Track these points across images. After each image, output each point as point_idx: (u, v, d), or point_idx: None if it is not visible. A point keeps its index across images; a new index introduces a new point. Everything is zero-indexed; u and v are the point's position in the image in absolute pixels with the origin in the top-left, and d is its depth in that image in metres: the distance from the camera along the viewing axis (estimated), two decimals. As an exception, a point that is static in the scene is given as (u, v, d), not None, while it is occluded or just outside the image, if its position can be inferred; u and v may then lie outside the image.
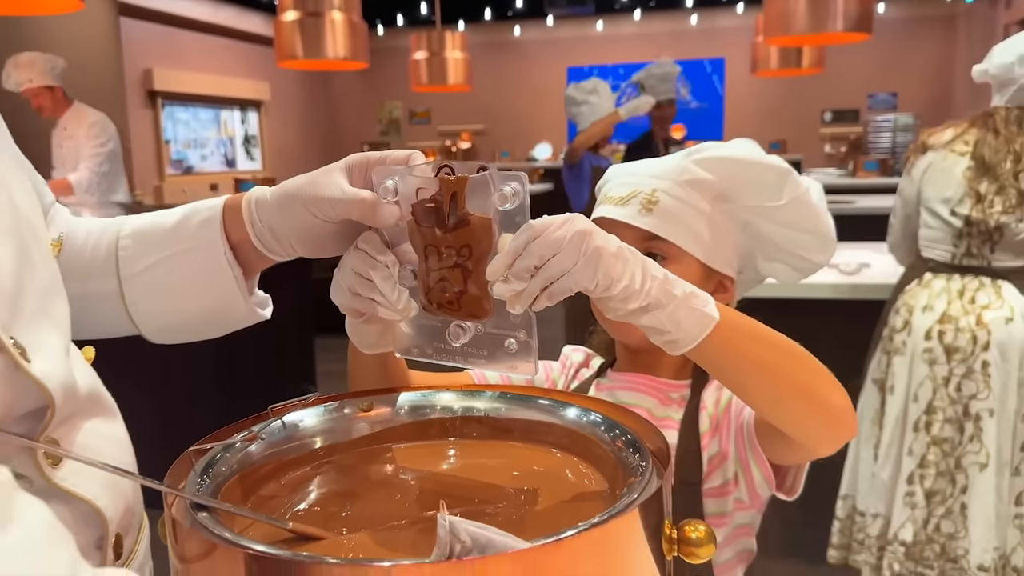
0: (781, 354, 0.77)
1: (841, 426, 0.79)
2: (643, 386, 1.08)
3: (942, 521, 2.16)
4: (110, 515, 0.63)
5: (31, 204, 0.69)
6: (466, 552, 0.48)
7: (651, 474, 0.60)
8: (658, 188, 1.02)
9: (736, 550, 1.03)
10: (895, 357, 2.23)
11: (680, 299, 0.70)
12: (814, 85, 10.21)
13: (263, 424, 0.70)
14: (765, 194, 1.03)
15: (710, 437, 1.01)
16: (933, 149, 2.20)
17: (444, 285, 0.68)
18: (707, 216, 1.03)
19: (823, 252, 1.08)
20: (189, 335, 0.84)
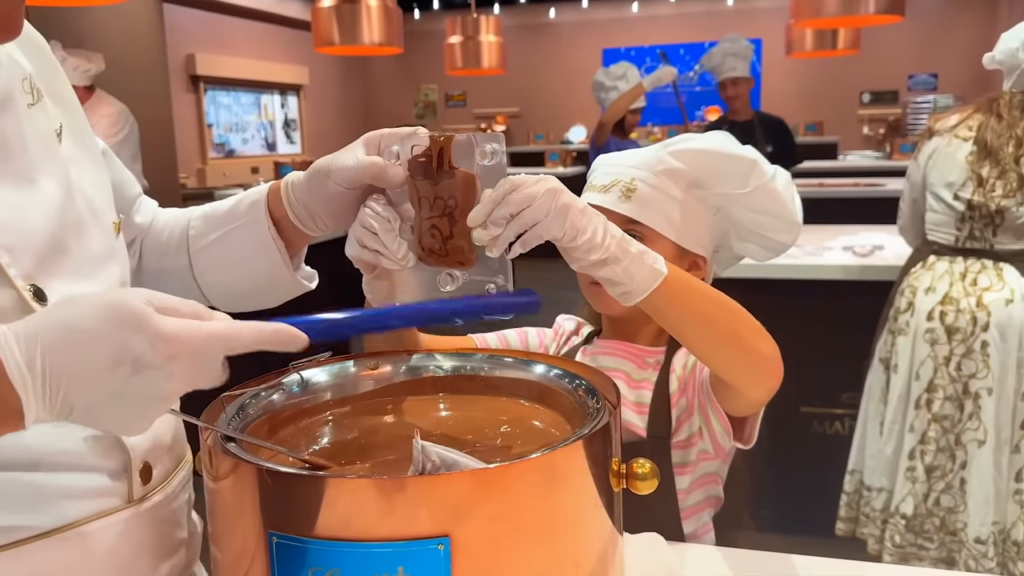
0: (718, 307, 0.90)
1: (767, 371, 0.92)
2: (622, 352, 1.21)
3: (942, 496, 2.25)
4: (133, 445, 0.76)
5: (97, 186, 0.84)
6: (435, 469, 0.61)
7: (600, 415, 0.71)
8: (636, 177, 1.15)
9: (704, 495, 1.16)
10: (899, 337, 2.31)
11: (634, 255, 0.83)
12: (852, 66, 10.11)
13: (285, 377, 0.83)
14: (733, 182, 1.14)
15: (679, 396, 1.13)
16: (938, 134, 2.27)
17: (433, 232, 0.82)
18: (679, 202, 1.15)
19: (788, 234, 1.18)
20: (250, 304, 0.99)
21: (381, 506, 0.59)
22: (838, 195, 5.31)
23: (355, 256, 0.87)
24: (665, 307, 0.87)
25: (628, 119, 4.51)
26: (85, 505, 0.72)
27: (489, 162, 0.80)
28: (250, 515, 0.63)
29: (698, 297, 0.89)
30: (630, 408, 1.16)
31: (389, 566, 0.59)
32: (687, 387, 1.14)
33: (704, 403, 1.10)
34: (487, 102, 12.11)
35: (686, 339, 0.92)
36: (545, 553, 0.64)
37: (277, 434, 0.79)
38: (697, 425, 1.12)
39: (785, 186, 1.15)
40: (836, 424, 2.95)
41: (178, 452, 0.85)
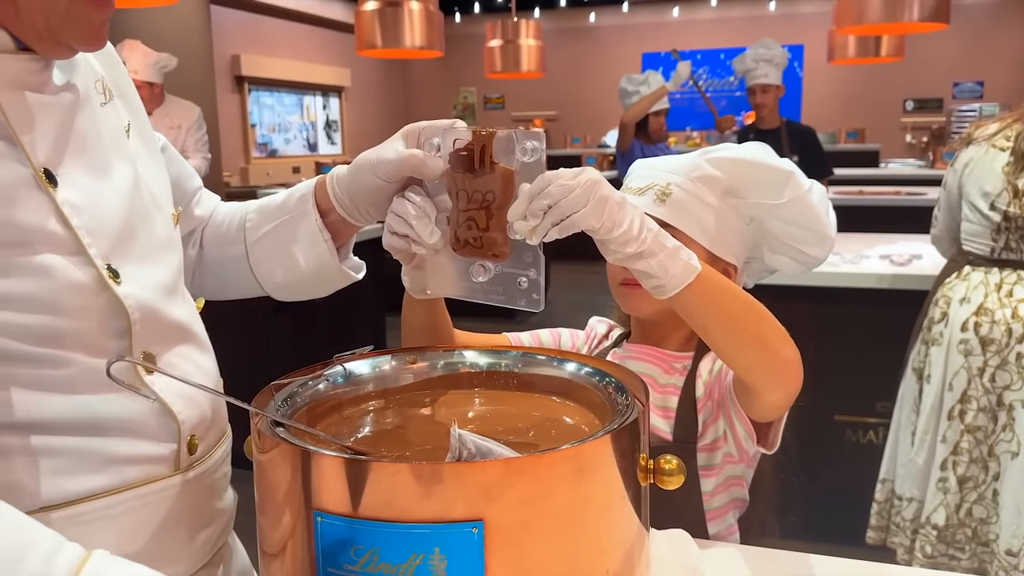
0: (746, 308, 0.92)
1: (787, 375, 0.95)
2: (650, 357, 1.25)
3: (974, 506, 2.24)
4: (183, 418, 0.82)
5: (157, 180, 0.91)
6: (471, 457, 0.64)
7: (629, 412, 0.75)
8: (672, 182, 1.18)
9: (728, 497, 1.18)
10: (932, 347, 2.30)
11: (670, 250, 0.86)
12: (895, 73, 9.98)
13: (329, 369, 0.88)
14: (768, 192, 1.16)
15: (704, 400, 1.16)
16: (976, 143, 2.25)
17: (470, 224, 0.85)
18: (714, 209, 1.17)
19: (820, 248, 1.20)
20: (301, 293, 1.06)
21: (419, 490, 0.63)
22: (878, 203, 5.27)
23: (388, 245, 0.91)
24: (695, 304, 0.90)
25: (652, 122, 4.50)
26: (140, 470, 0.79)
27: (529, 159, 0.83)
28: (296, 496, 0.68)
29: (728, 296, 0.92)
30: (656, 412, 1.19)
31: (426, 547, 0.63)
32: (712, 391, 1.16)
33: (728, 407, 1.12)
34: (525, 105, 12.16)
35: (711, 337, 0.95)
36: (573, 540, 0.68)
37: (321, 422, 0.84)
38: (722, 429, 1.15)
39: (820, 200, 1.17)
40: (870, 433, 2.94)
41: (220, 428, 0.91)
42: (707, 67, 11.58)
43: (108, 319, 0.77)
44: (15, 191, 0.71)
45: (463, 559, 0.63)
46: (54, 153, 0.75)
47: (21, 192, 0.71)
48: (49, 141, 0.75)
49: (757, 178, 1.16)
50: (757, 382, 0.98)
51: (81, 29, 0.75)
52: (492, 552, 0.63)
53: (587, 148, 10.92)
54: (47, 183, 0.73)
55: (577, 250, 7.85)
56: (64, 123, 0.77)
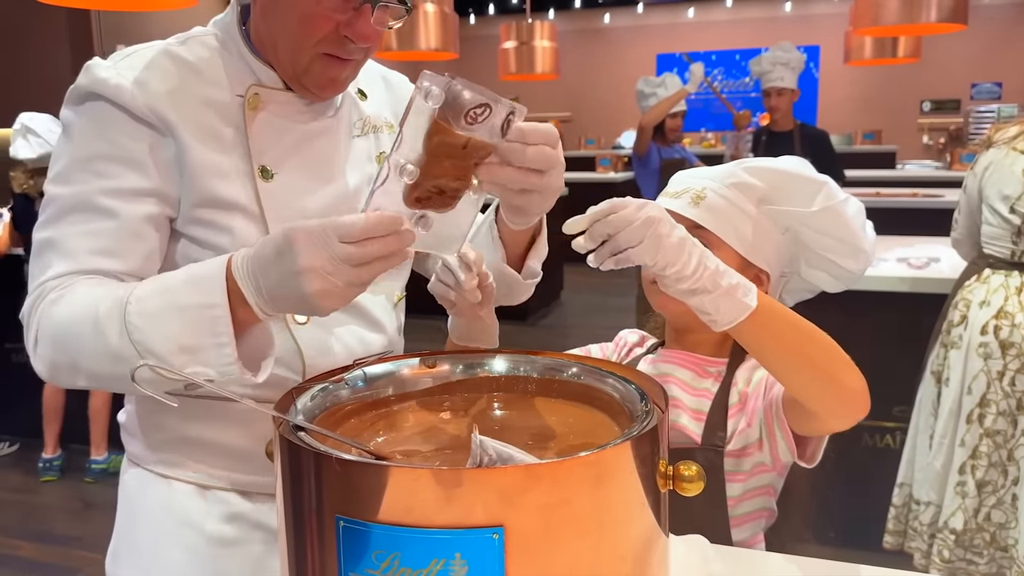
0: (808, 340, 0.94)
1: (855, 405, 0.96)
2: (683, 360, 1.26)
3: (993, 511, 2.22)
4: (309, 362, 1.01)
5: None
6: (491, 463, 0.65)
7: (649, 418, 0.75)
8: (707, 187, 1.20)
9: (755, 506, 1.19)
10: (951, 351, 2.29)
11: (724, 289, 0.88)
12: (912, 74, 9.93)
13: (349, 373, 0.88)
14: (801, 201, 1.17)
15: (737, 409, 1.16)
16: (996, 146, 2.24)
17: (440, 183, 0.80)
18: (752, 217, 1.19)
19: (855, 260, 1.21)
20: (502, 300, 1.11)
21: (441, 495, 0.63)
22: (895, 205, 5.23)
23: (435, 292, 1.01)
24: (753, 337, 0.92)
25: (668, 124, 4.48)
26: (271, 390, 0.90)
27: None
28: (318, 500, 0.68)
29: (788, 329, 0.93)
30: (687, 414, 1.20)
31: (447, 552, 0.63)
32: (746, 403, 1.17)
33: (771, 420, 1.12)
34: (539, 106, 12.16)
35: (772, 367, 0.96)
36: (593, 546, 0.68)
37: (341, 426, 0.84)
38: (755, 437, 1.15)
39: (855, 213, 1.18)
40: (887, 437, 2.92)
41: None
42: (722, 68, 11.55)
43: None
44: (232, 174, 0.97)
45: (484, 564, 0.63)
46: (278, 158, 1.00)
47: (237, 177, 0.97)
48: (278, 150, 1.00)
49: (791, 187, 1.18)
50: (821, 410, 0.98)
51: (318, 80, 0.98)
52: (512, 557, 0.63)
53: (601, 149, 10.90)
54: (261, 175, 0.98)
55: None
56: (300, 142, 1.02)
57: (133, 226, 0.94)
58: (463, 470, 0.65)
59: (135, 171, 0.94)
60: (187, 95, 0.96)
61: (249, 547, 1.05)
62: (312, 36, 0.94)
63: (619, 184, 8.64)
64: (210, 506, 1.04)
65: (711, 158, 5.67)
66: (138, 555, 1.08)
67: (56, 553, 3.09)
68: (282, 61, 0.98)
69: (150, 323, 0.83)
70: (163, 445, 1.06)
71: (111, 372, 0.86)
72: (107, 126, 0.94)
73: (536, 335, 6.07)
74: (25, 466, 3.87)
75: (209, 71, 0.99)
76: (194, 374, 0.80)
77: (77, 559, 3.02)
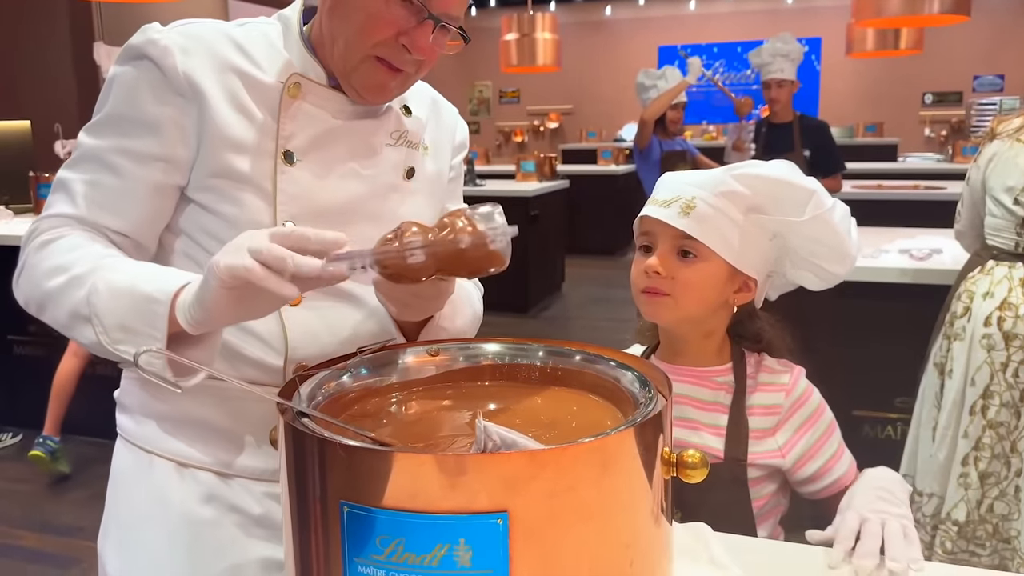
0: None
1: None
2: (690, 377, 1.26)
3: (996, 502, 2.22)
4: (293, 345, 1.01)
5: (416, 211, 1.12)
6: (496, 448, 0.65)
7: (652, 405, 0.75)
8: (697, 196, 1.19)
9: (774, 503, 1.24)
10: (955, 342, 2.28)
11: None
12: (914, 66, 9.90)
13: (353, 361, 0.88)
14: (791, 209, 1.17)
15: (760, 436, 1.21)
16: (999, 137, 2.23)
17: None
18: (739, 225, 1.19)
19: (841, 265, 1.22)
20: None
21: (445, 481, 0.63)
22: (897, 197, 5.23)
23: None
24: None
25: (669, 116, 4.47)
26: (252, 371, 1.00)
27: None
28: (323, 486, 0.68)
29: None
30: (706, 431, 1.21)
31: (451, 537, 0.63)
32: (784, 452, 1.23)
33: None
34: (541, 99, 12.14)
35: None
36: (597, 532, 0.68)
37: (345, 413, 0.84)
38: (778, 444, 1.20)
39: (841, 219, 1.18)
40: (888, 429, 2.92)
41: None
42: (724, 60, 11.52)
43: None
44: (255, 152, 0.99)
45: (488, 550, 0.63)
46: (303, 145, 1.02)
47: (259, 156, 1.00)
48: (305, 139, 1.02)
49: (781, 195, 1.18)
50: None
51: (366, 82, 1.00)
52: (517, 543, 0.63)
53: (603, 142, 10.89)
54: (283, 160, 1.00)
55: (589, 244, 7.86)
56: (330, 136, 1.04)
57: (136, 188, 0.99)
58: (467, 456, 0.65)
59: (152, 136, 0.98)
60: (228, 69, 1.00)
61: (224, 529, 1.05)
62: (371, 37, 0.97)
63: (620, 176, 8.63)
64: (187, 485, 1.05)
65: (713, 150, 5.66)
66: (121, 532, 1.09)
67: (59, 543, 3.10)
68: (336, 57, 1.00)
69: (109, 294, 0.88)
70: (145, 419, 1.07)
71: (66, 323, 0.93)
72: (142, 87, 0.98)
73: (537, 327, 6.07)
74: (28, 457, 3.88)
75: (258, 54, 1.02)
76: (124, 352, 0.87)
77: (80, 549, 3.03)
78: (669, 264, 1.19)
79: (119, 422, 1.12)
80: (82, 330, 0.90)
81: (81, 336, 0.91)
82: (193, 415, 1.04)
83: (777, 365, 1.27)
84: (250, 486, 1.05)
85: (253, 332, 1.01)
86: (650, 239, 1.23)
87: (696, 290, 1.20)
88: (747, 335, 1.28)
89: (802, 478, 1.23)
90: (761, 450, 1.20)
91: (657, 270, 1.19)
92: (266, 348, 1.01)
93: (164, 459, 1.06)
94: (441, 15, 0.96)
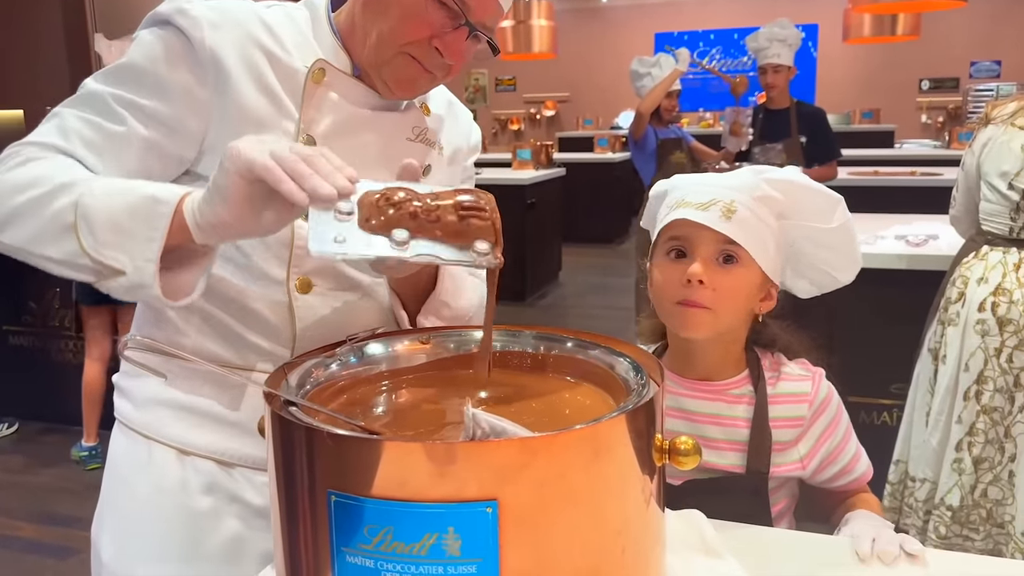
0: None
1: None
2: (707, 393, 1.22)
3: (989, 487, 2.23)
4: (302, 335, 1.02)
5: None
6: (484, 436, 0.64)
7: (645, 391, 0.74)
8: (736, 200, 1.14)
9: (788, 494, 1.24)
10: (949, 328, 2.28)
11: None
12: (911, 52, 9.87)
13: (342, 349, 0.88)
14: (819, 216, 1.16)
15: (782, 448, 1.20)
16: (994, 122, 2.22)
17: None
18: (773, 231, 1.16)
19: (849, 272, 1.22)
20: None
21: (434, 469, 0.63)
22: (894, 183, 5.22)
23: None
24: None
25: (663, 105, 4.46)
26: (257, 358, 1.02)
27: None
28: (311, 475, 0.67)
29: None
30: (724, 447, 1.18)
31: (440, 526, 0.63)
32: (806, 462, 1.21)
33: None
34: (537, 87, 12.10)
35: None
36: (588, 520, 0.67)
37: (334, 402, 0.84)
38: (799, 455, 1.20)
39: (853, 227, 1.18)
40: (884, 414, 2.93)
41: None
42: (720, 47, 11.48)
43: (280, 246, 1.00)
44: (275, 133, 0.98)
45: (477, 538, 0.63)
46: (325, 132, 1.00)
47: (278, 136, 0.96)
48: (328, 126, 1.00)
49: (810, 202, 1.16)
50: None
51: (396, 75, 1.00)
52: (506, 531, 0.63)
53: (599, 129, 10.86)
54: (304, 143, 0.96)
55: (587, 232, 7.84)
56: (352, 125, 1.02)
57: (132, 140, 0.96)
58: (456, 444, 0.64)
59: (161, 99, 0.96)
60: (256, 47, 0.99)
61: (225, 521, 1.05)
62: (406, 35, 0.97)
63: (617, 164, 8.61)
64: (188, 474, 1.04)
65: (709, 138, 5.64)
66: (118, 520, 1.08)
67: (56, 533, 3.10)
68: (367, 49, 1.00)
69: (104, 194, 0.84)
70: (145, 404, 1.06)
71: (33, 238, 0.87)
72: (162, 50, 0.96)
73: (534, 315, 6.07)
74: (25, 447, 3.88)
75: (286, 36, 1.02)
76: (111, 259, 0.82)
77: (77, 539, 3.03)
78: (712, 272, 1.13)
79: (118, 407, 1.11)
80: (56, 243, 0.84)
81: (53, 250, 0.85)
82: (195, 403, 1.03)
83: (797, 370, 1.23)
84: (251, 476, 1.05)
85: (261, 320, 1.00)
86: (685, 244, 1.15)
87: (736, 300, 1.15)
88: (761, 342, 1.25)
89: (819, 480, 1.22)
90: (784, 462, 1.18)
91: (702, 279, 1.12)
92: (274, 336, 1.01)
93: (165, 447, 1.05)
94: (477, 23, 0.97)
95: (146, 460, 1.05)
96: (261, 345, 1.01)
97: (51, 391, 4.10)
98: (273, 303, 1.01)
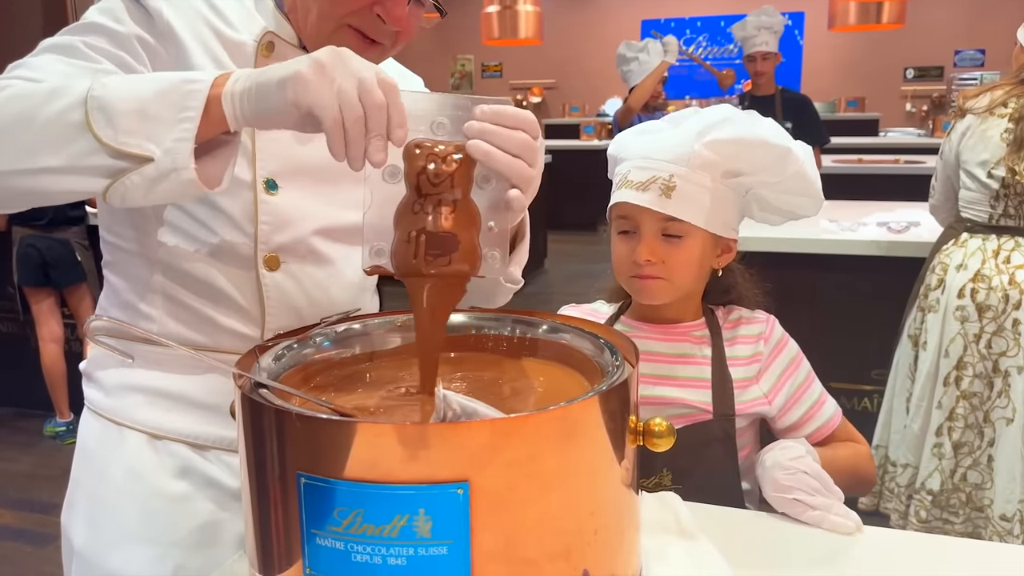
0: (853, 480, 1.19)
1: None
2: (667, 334, 1.26)
3: (969, 472, 2.25)
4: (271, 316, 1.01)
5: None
6: (456, 417, 0.63)
7: (619, 373, 0.74)
8: (674, 174, 1.15)
9: (751, 439, 1.26)
10: (929, 314, 2.29)
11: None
12: (896, 40, 9.88)
13: (316, 331, 0.86)
14: (768, 171, 1.16)
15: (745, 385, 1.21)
16: (972, 112, 2.23)
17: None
18: (710, 191, 1.16)
19: (813, 208, 1.22)
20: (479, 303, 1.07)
21: (404, 451, 0.62)
22: (877, 171, 5.24)
23: None
24: None
25: None
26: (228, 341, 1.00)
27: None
28: (280, 457, 0.66)
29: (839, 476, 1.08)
30: (690, 385, 1.20)
31: (411, 508, 0.62)
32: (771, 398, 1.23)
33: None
34: (523, 73, 12.04)
35: None
36: (561, 502, 0.67)
37: (306, 384, 0.83)
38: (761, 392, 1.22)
39: (810, 162, 1.17)
40: (864, 400, 2.94)
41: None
42: (707, 35, 11.46)
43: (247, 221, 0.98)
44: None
45: (448, 520, 0.62)
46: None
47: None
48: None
49: (756, 157, 1.16)
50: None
51: None
52: (477, 513, 0.62)
53: (585, 117, 10.82)
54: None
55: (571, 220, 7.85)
56: None
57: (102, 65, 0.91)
58: (427, 425, 0.63)
59: (116, 46, 0.93)
60: (205, 25, 0.97)
61: (200, 504, 1.03)
62: (345, 5, 0.95)
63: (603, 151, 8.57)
64: (161, 459, 1.03)
65: (695, 124, 5.61)
66: (90, 506, 1.07)
67: (34, 520, 3.08)
68: (309, 25, 0.98)
69: (123, 84, 0.78)
70: (116, 391, 1.05)
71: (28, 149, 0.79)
72: (119, 11, 0.94)
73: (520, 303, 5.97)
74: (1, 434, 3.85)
75: (229, 12, 1.00)
76: (135, 146, 0.75)
77: (55, 525, 2.99)
78: (658, 249, 1.18)
79: (87, 395, 1.10)
80: (57, 148, 0.77)
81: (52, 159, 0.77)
82: (167, 387, 1.02)
83: (751, 314, 1.28)
84: (226, 458, 1.04)
85: (230, 300, 0.99)
86: (630, 224, 1.21)
87: (688, 267, 1.20)
88: (717, 289, 1.29)
89: (788, 425, 1.23)
90: (747, 399, 1.20)
91: (648, 258, 1.17)
92: (243, 317, 1.00)
93: (136, 431, 1.03)
94: None
95: (118, 445, 1.04)
96: (231, 326, 1.00)
97: (23, 376, 4.06)
98: (241, 282, 0.99)
